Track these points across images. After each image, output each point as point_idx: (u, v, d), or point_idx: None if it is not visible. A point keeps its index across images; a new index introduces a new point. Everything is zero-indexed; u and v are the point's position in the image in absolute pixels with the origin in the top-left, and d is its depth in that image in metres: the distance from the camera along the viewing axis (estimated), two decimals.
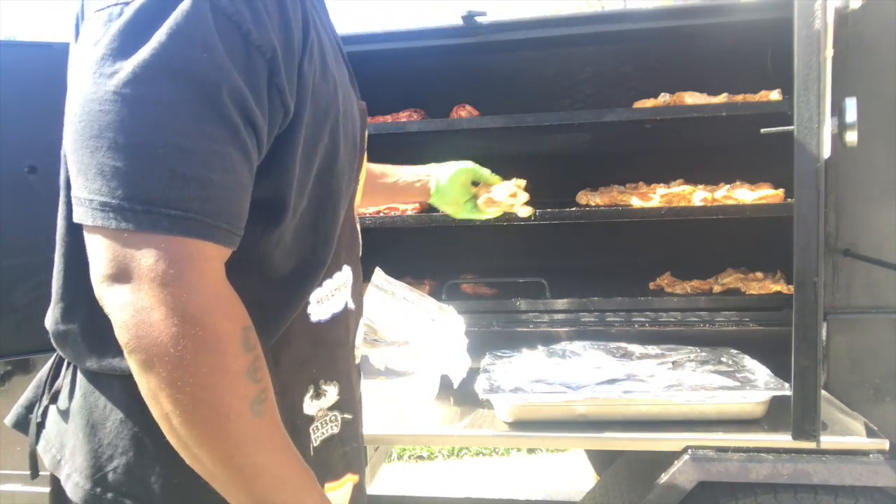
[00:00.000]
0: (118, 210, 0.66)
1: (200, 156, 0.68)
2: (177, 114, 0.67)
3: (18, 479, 2.11)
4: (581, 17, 2.08)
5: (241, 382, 0.69)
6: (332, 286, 0.94)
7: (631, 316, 2.02)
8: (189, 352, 0.65)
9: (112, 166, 0.66)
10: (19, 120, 1.87)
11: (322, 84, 0.82)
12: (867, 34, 1.77)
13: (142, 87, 0.66)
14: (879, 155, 1.79)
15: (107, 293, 0.68)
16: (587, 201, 2.11)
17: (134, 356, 0.67)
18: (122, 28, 0.68)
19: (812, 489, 1.49)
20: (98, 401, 0.84)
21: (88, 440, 0.83)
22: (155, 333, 0.65)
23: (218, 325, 0.68)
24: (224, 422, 0.67)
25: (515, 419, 1.64)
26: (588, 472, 2.82)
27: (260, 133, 0.74)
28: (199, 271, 0.68)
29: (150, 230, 0.66)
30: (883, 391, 1.81)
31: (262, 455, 0.70)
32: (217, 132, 0.69)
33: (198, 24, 0.68)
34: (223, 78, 0.69)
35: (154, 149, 0.66)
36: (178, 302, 0.66)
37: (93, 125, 0.67)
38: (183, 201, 0.67)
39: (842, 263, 1.83)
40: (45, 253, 1.96)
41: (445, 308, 1.80)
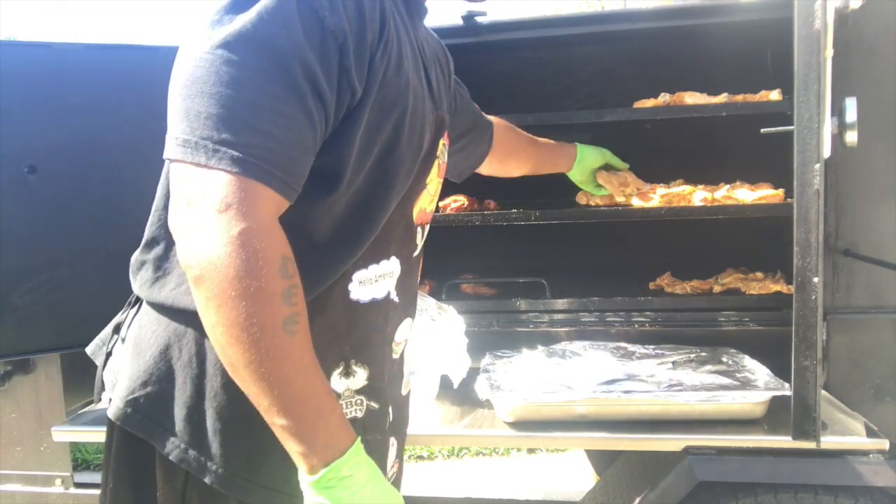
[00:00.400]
0: (195, 146, 0.78)
1: (267, 112, 0.79)
2: (254, 75, 0.79)
3: (18, 479, 2.11)
4: (581, 17, 2.08)
5: (275, 302, 0.78)
6: (377, 271, 1.02)
7: (631, 316, 2.02)
8: (233, 270, 0.76)
9: (197, 111, 0.78)
10: (19, 120, 1.88)
11: (394, 79, 0.93)
12: (867, 34, 1.77)
13: (230, 51, 0.79)
14: (879, 155, 1.79)
15: (176, 216, 0.80)
16: (587, 201, 2.11)
17: (190, 271, 0.79)
18: (224, 4, 0.82)
19: (812, 489, 1.49)
20: (146, 331, 0.95)
21: (131, 365, 0.95)
22: (206, 251, 0.76)
23: (260, 250, 0.77)
24: (260, 334, 0.77)
25: (515, 419, 1.64)
26: (588, 472, 2.82)
27: (327, 106, 0.85)
28: (251, 205, 0.78)
29: (217, 166, 0.77)
30: (883, 391, 1.81)
31: (289, 368, 0.79)
32: (286, 96, 0.80)
33: (282, 6, 0.80)
34: (296, 52, 0.81)
35: (232, 100, 0.78)
36: (231, 227, 0.76)
37: (187, 77, 0.80)
38: (248, 147, 0.78)
39: (842, 263, 1.83)
40: (45, 253, 1.97)
41: (445, 308, 1.80)
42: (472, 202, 2.14)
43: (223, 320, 0.77)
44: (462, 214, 2.04)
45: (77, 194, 1.95)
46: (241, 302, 0.76)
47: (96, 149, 1.97)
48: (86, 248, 1.97)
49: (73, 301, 1.96)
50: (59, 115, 1.93)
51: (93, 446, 3.71)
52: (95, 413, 2.00)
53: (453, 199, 2.12)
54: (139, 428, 0.92)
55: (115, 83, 1.99)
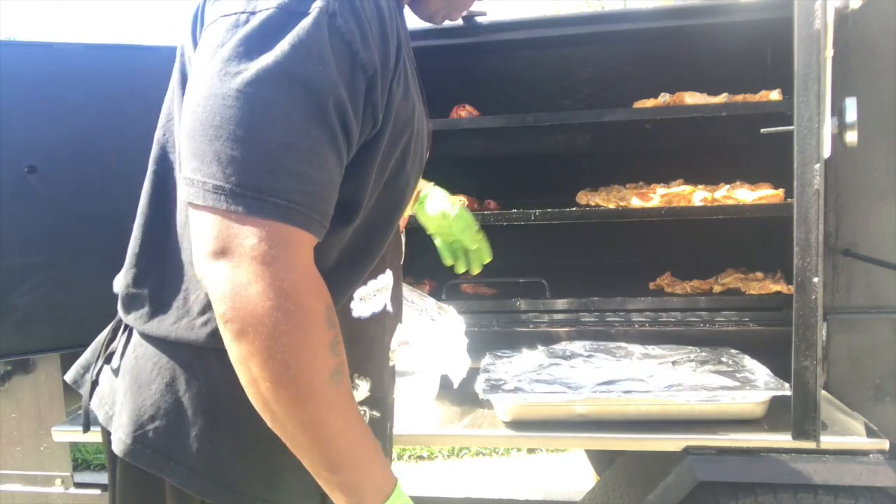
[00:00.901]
0: (230, 194, 0.73)
1: (305, 154, 0.76)
2: (290, 115, 0.75)
3: (19, 479, 2.11)
4: (581, 17, 2.08)
5: (324, 354, 0.76)
6: (375, 286, 1.01)
7: (631, 316, 2.02)
8: (282, 323, 0.73)
9: (229, 155, 0.73)
10: (19, 120, 1.87)
11: (403, 104, 0.90)
12: (867, 34, 1.77)
13: (263, 89, 0.74)
14: (879, 155, 1.79)
15: (210, 267, 0.75)
16: (587, 201, 2.11)
17: (230, 325, 0.74)
18: (248, 34, 0.75)
19: (812, 489, 1.49)
20: (147, 363, 0.92)
21: (134, 398, 0.91)
22: (252, 305, 0.72)
23: (308, 302, 0.75)
24: (309, 388, 0.74)
25: (515, 419, 1.64)
26: (588, 472, 2.82)
27: (352, 141, 0.82)
28: (295, 254, 0.75)
29: (258, 215, 0.73)
30: (883, 391, 1.81)
31: (339, 421, 0.77)
32: (321, 135, 0.77)
33: (317, 40, 0.76)
34: (332, 90, 0.77)
35: (268, 144, 0.74)
36: (275, 279, 0.73)
37: (215, 117, 0.74)
38: (288, 193, 0.74)
39: (842, 263, 1.83)
40: (45, 253, 1.97)
41: (445, 308, 1.80)
42: (472, 202, 2.14)
43: (268, 375, 0.74)
44: None
45: (77, 194, 1.95)
46: (288, 357, 0.73)
47: (96, 149, 1.97)
48: (86, 248, 1.97)
49: (73, 301, 1.96)
50: (59, 115, 1.93)
51: (93, 446, 3.71)
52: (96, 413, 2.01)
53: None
54: (150, 463, 0.89)
55: (115, 83, 1.98)
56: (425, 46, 2.03)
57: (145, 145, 2.09)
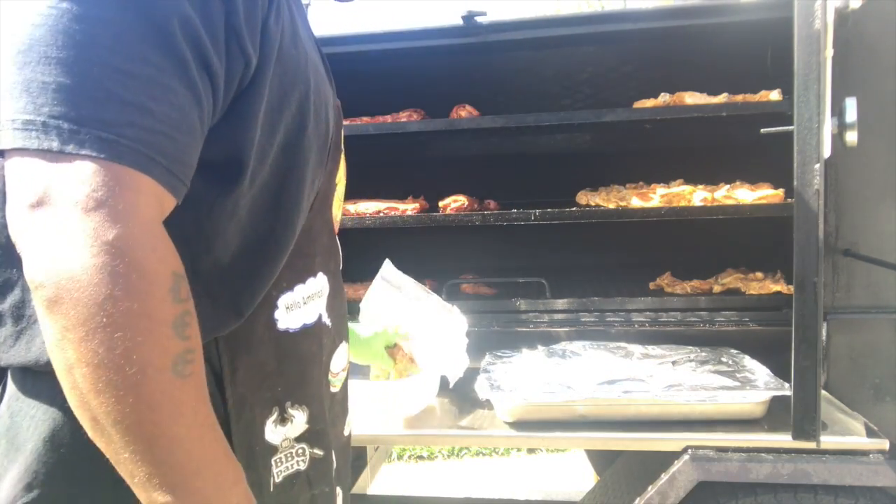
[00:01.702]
0: (42, 128, 0.58)
1: (142, 82, 0.61)
2: (118, 34, 0.60)
3: None
4: (581, 17, 2.08)
5: (164, 333, 0.59)
6: (304, 292, 0.86)
7: (631, 316, 2.02)
8: (105, 288, 0.56)
9: (40, 81, 0.58)
10: None
11: (292, 50, 0.77)
12: (867, 34, 1.77)
13: (82, 6, 0.59)
14: (879, 155, 1.79)
15: (19, 220, 0.59)
16: (587, 201, 2.11)
17: (40, 292, 0.58)
18: None
19: (812, 489, 1.49)
20: (19, 418, 0.72)
21: (6, 465, 0.72)
22: (69, 263, 0.56)
23: (144, 261, 0.58)
24: (138, 376, 0.57)
25: (515, 419, 1.64)
26: (588, 472, 2.82)
27: (215, 78, 0.67)
28: (130, 202, 0.59)
29: (77, 150, 0.58)
30: (883, 391, 1.81)
31: (180, 426, 0.60)
32: (163, 62, 0.62)
33: None
34: (175, 8, 0.63)
35: (89, 65, 0.59)
36: (100, 230, 0.57)
37: (21, 41, 0.59)
38: (118, 125, 0.59)
39: (842, 263, 1.83)
40: None
41: (449, 307, 1.80)
42: (472, 202, 2.14)
43: (87, 358, 0.56)
44: (462, 214, 2.04)
45: None
46: (114, 332, 0.56)
47: None
48: None
49: None
50: None
51: None
52: None
53: (453, 199, 2.12)
54: None
55: None
56: (425, 46, 2.03)
57: None
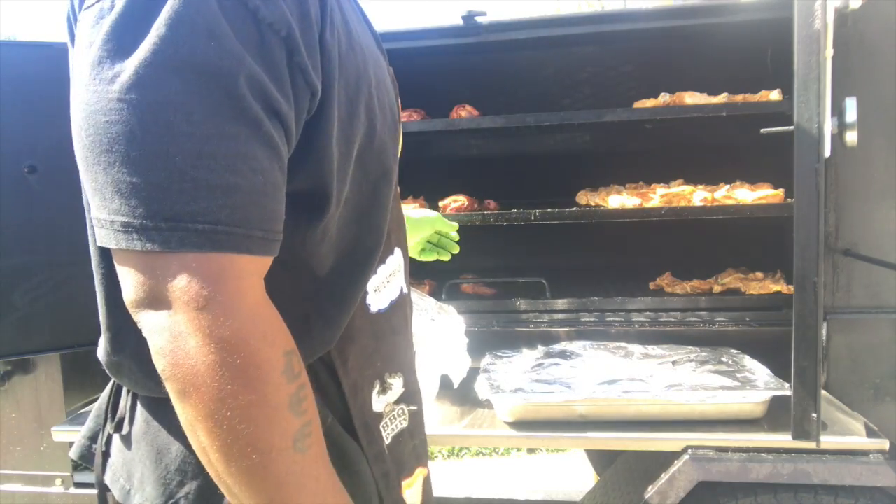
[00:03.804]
0: (141, 230, 0.59)
1: (222, 159, 0.61)
2: (191, 116, 0.60)
3: (19, 479, 2.11)
4: (581, 17, 2.08)
5: (282, 416, 0.63)
6: (386, 272, 0.89)
7: (631, 316, 2.02)
8: (227, 382, 0.60)
9: (129, 182, 0.59)
10: (19, 120, 1.87)
11: (350, 54, 0.74)
12: (867, 34, 1.77)
13: (148, 90, 0.59)
14: (879, 155, 1.79)
15: (141, 318, 0.63)
16: (587, 201, 2.11)
17: (170, 384, 0.62)
18: (115, 24, 0.60)
19: (812, 489, 1.49)
20: (161, 426, 0.80)
21: (155, 467, 0.80)
22: (191, 361, 0.60)
23: (257, 352, 0.61)
24: (264, 459, 0.62)
25: (515, 419, 1.64)
26: (588, 472, 2.82)
27: (287, 122, 0.67)
28: (235, 290, 0.61)
29: (179, 248, 0.59)
30: (883, 391, 1.81)
31: (305, 496, 0.65)
32: (238, 130, 0.62)
33: (200, 8, 0.60)
34: (237, 66, 0.61)
35: (171, 158, 0.59)
36: (214, 327, 0.60)
37: (101, 139, 0.60)
38: (210, 213, 0.60)
39: (842, 263, 1.83)
40: (45, 253, 1.96)
41: (445, 308, 1.80)
42: (472, 202, 2.14)
43: (217, 445, 0.61)
44: (462, 214, 2.04)
45: (77, 194, 1.93)
46: (238, 424, 0.60)
47: None
48: (86, 248, 1.96)
49: (73, 301, 1.96)
50: (59, 115, 1.90)
51: None
52: None
53: (453, 199, 2.12)
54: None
55: None
56: (425, 46, 2.03)
57: None
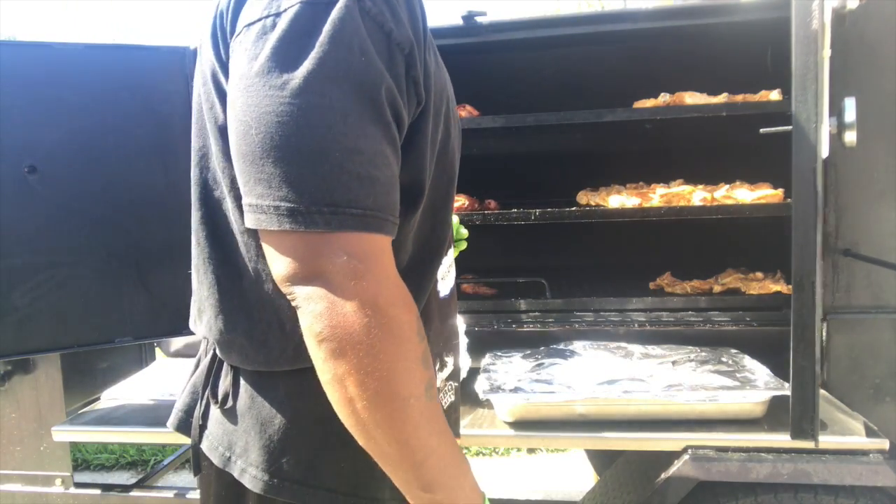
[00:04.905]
0: (307, 214, 0.71)
1: (368, 156, 0.73)
2: (347, 119, 0.72)
3: (19, 479, 2.11)
4: (581, 17, 2.08)
5: (418, 368, 0.74)
6: (447, 263, 1.00)
7: (631, 316, 2.02)
8: (378, 340, 0.71)
9: (296, 174, 0.71)
10: (19, 120, 1.87)
11: (437, 71, 0.86)
12: (867, 34, 1.77)
13: (313, 96, 0.70)
14: (879, 155, 1.79)
15: (299, 290, 0.73)
16: (587, 201, 2.11)
17: (326, 344, 0.72)
18: (281, 39, 0.72)
19: (812, 489, 1.49)
20: (265, 401, 0.90)
21: (260, 437, 0.89)
22: (348, 323, 0.71)
23: (401, 315, 0.73)
24: (405, 405, 0.73)
25: (515, 419, 1.64)
26: (588, 472, 2.82)
27: (402, 127, 0.79)
28: (383, 264, 0.74)
29: (339, 229, 0.71)
30: (883, 391, 1.81)
31: (433, 437, 0.76)
32: (377, 132, 0.74)
33: (353, 29, 0.72)
34: (381, 80, 0.74)
35: (332, 154, 0.71)
36: (369, 294, 0.71)
37: (273, 136, 0.71)
38: (361, 200, 0.72)
39: (842, 263, 1.83)
40: (45, 253, 1.97)
41: None
42: (473, 202, 2.14)
43: (367, 395, 0.72)
44: (463, 214, 2.04)
45: (77, 194, 1.95)
46: (386, 374, 0.72)
47: (96, 149, 1.97)
48: (86, 248, 1.97)
49: (73, 301, 1.96)
50: (59, 115, 1.93)
51: (93, 446, 3.71)
52: (95, 413, 2.01)
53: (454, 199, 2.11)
54: (292, 495, 0.88)
55: (115, 83, 1.98)
56: None
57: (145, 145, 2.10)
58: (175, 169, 2.03)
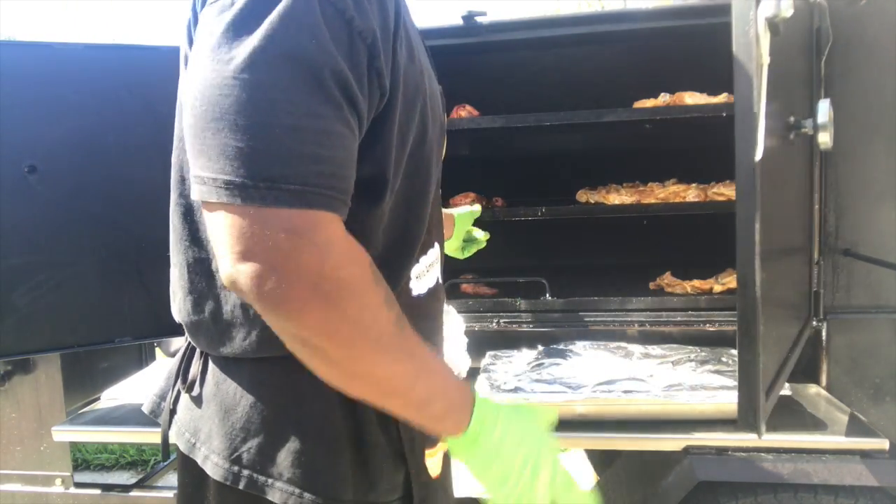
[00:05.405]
0: (242, 188, 0.70)
1: (313, 134, 0.73)
2: (290, 96, 0.72)
3: (19, 479, 2.11)
4: (581, 17, 2.08)
5: (382, 312, 0.78)
6: (427, 262, 1.00)
7: (631, 316, 2.02)
8: (333, 304, 0.73)
9: (235, 147, 0.71)
10: (19, 120, 1.87)
11: (410, 66, 0.87)
12: (867, 34, 1.77)
13: (258, 72, 0.71)
14: (879, 155, 1.79)
15: (240, 269, 0.72)
16: (587, 200, 2.11)
17: (288, 326, 0.74)
18: (235, 16, 0.73)
19: (812, 489, 1.49)
20: (229, 387, 0.91)
21: (223, 424, 0.90)
22: (301, 297, 0.71)
23: (352, 274, 0.75)
24: (382, 348, 0.77)
25: None
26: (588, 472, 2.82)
27: (361, 114, 0.79)
28: (325, 235, 0.73)
29: (274, 205, 0.71)
30: (883, 391, 1.81)
31: (414, 363, 0.81)
32: (325, 111, 0.74)
33: (306, 12, 0.73)
34: (328, 61, 0.74)
35: (272, 129, 0.71)
36: (313, 267, 0.72)
37: (214, 109, 0.72)
38: (301, 176, 0.72)
39: (842, 263, 1.83)
40: (45, 253, 1.97)
41: (445, 308, 1.80)
42: (480, 200, 2.15)
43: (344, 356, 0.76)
44: None
45: (77, 194, 1.95)
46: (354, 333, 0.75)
47: (96, 149, 1.97)
48: (86, 248, 1.97)
49: (73, 301, 1.96)
50: (59, 115, 1.93)
51: (93, 446, 3.71)
52: (95, 413, 2.01)
53: (463, 196, 2.13)
54: (250, 484, 0.88)
55: (115, 83, 1.98)
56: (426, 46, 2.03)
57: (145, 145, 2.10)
58: None
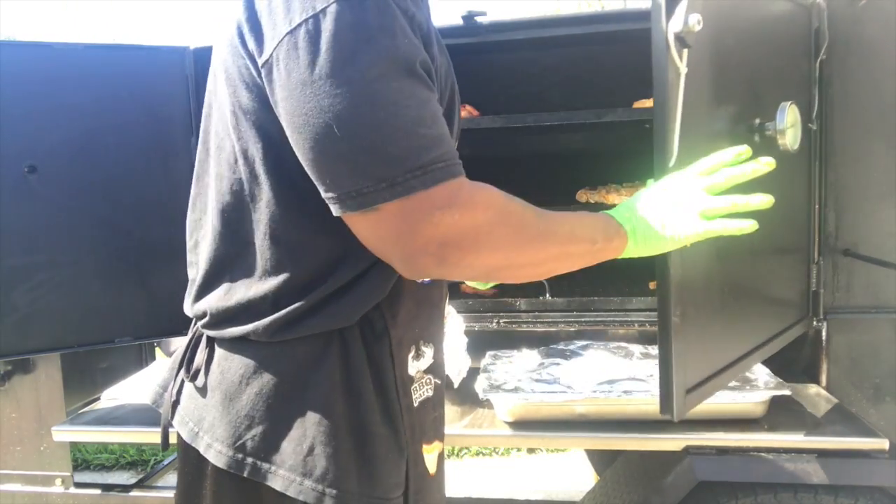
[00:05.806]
0: (404, 183, 0.79)
1: (430, 119, 0.82)
2: (405, 94, 0.80)
3: (19, 479, 2.11)
4: (581, 17, 2.07)
5: (527, 211, 0.91)
6: None
7: (631, 316, 2.02)
8: (501, 237, 0.87)
9: (385, 154, 0.79)
10: (19, 120, 1.88)
11: (440, 56, 0.93)
12: (866, 35, 1.77)
13: (375, 84, 0.78)
14: (879, 155, 1.79)
15: (435, 249, 0.83)
16: (586, 200, 2.11)
17: (486, 275, 0.95)
18: (331, 41, 0.77)
19: (812, 489, 1.49)
20: (234, 376, 0.93)
21: (227, 412, 0.93)
22: (483, 245, 0.86)
23: (497, 205, 0.88)
24: (541, 230, 0.92)
25: (515, 419, 1.64)
26: (588, 472, 2.82)
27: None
28: (468, 193, 0.85)
29: (433, 185, 0.80)
30: (883, 391, 1.81)
31: (565, 227, 0.95)
32: (430, 96, 0.84)
33: (391, 15, 0.80)
34: (417, 53, 0.82)
35: (411, 126, 0.79)
36: (474, 218, 0.84)
37: (359, 130, 0.78)
38: (442, 155, 0.82)
39: (842, 263, 1.83)
40: (45, 253, 1.97)
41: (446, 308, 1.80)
42: None
43: (529, 260, 0.92)
44: None
45: (77, 194, 1.95)
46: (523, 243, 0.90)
47: (96, 149, 1.97)
48: (86, 248, 1.97)
49: (73, 301, 1.96)
50: (59, 115, 1.93)
51: (93, 446, 3.71)
52: (95, 413, 2.01)
53: None
54: (253, 472, 0.90)
55: (115, 83, 1.99)
56: None
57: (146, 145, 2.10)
58: (175, 168, 2.03)
